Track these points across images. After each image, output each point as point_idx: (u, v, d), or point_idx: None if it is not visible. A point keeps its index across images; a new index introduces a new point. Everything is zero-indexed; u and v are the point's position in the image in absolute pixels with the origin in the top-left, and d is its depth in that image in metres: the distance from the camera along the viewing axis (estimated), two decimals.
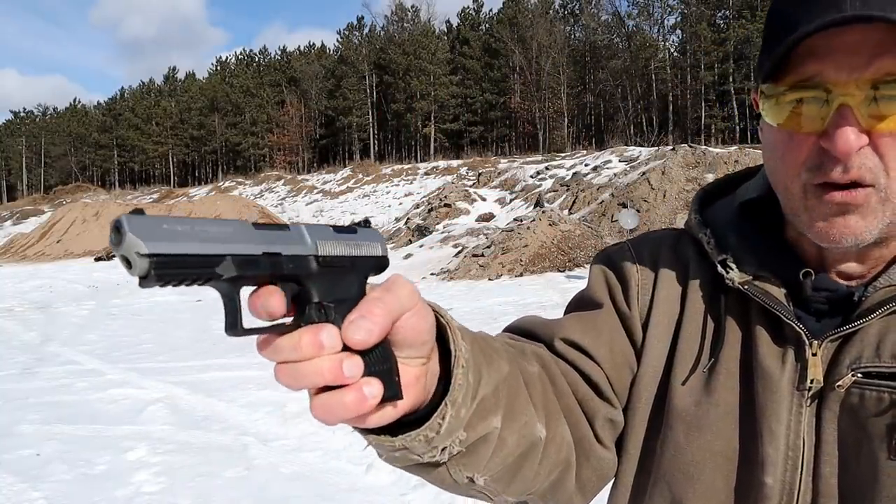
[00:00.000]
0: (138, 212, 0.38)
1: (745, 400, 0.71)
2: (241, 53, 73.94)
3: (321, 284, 0.48)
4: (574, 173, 22.28)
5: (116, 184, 70.16)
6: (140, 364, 7.06)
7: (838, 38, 0.60)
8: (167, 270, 0.38)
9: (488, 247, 16.34)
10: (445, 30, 61.58)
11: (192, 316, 10.26)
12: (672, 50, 49.74)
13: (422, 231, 20.71)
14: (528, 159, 30.46)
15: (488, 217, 21.60)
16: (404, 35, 57.99)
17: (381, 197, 33.98)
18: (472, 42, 56.82)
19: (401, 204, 30.52)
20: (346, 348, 0.47)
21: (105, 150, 74.26)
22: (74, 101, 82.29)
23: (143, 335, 9.01)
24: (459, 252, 16.69)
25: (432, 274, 14.93)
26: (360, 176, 38.53)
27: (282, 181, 42.87)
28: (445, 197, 22.94)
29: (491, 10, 70.11)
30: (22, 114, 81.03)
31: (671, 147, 20.84)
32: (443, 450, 0.57)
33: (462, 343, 0.58)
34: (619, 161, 21.98)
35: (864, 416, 0.65)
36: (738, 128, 44.16)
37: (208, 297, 12.52)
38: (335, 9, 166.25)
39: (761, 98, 0.67)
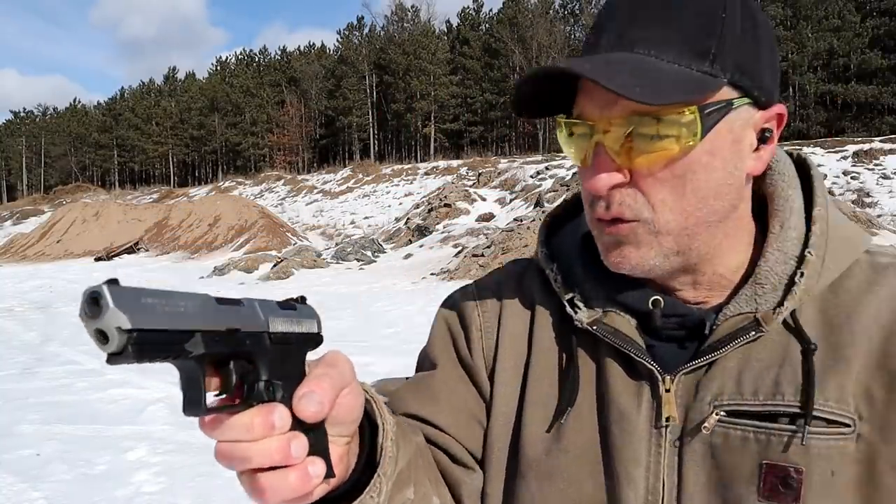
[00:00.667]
0: (113, 281, 0.37)
1: (602, 443, 0.67)
2: (241, 53, 73.99)
3: (270, 362, 0.48)
4: (574, 173, 22.28)
5: (116, 184, 70.15)
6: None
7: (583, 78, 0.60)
8: (144, 347, 0.37)
9: (488, 247, 16.35)
10: (445, 30, 61.61)
11: None
12: None
13: (422, 231, 20.72)
14: (528, 159, 30.45)
15: (488, 217, 21.60)
16: (404, 35, 57.99)
17: (381, 197, 33.97)
18: (472, 42, 56.80)
19: (401, 204, 30.52)
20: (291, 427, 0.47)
21: (105, 150, 74.27)
22: (74, 101, 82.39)
23: None
24: (459, 252, 16.70)
25: (432, 274, 14.92)
26: (360, 176, 38.53)
27: (282, 181, 42.87)
28: (445, 197, 22.94)
29: (491, 10, 70.16)
30: (22, 114, 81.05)
31: None
32: None
33: (389, 417, 0.60)
34: None
35: (729, 457, 0.62)
36: None
37: None
38: (335, 9, 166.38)
39: (557, 130, 0.68)
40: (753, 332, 0.62)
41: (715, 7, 0.60)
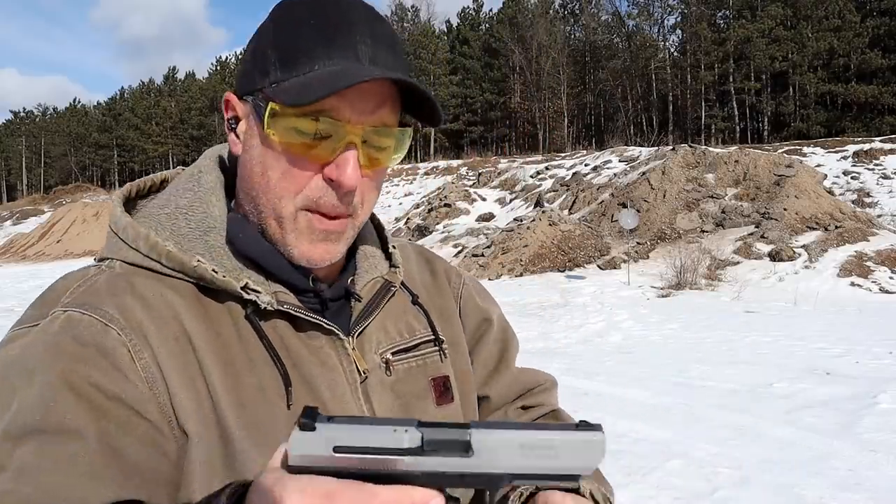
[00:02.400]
0: None
1: (323, 405, 0.73)
2: (241, 53, 73.69)
3: None
4: (574, 173, 22.29)
5: (116, 184, 70.16)
6: None
7: (357, 84, 0.64)
8: None
9: (488, 247, 16.37)
10: (445, 30, 61.60)
11: None
12: (672, 50, 49.77)
13: (422, 231, 20.72)
14: (528, 159, 30.46)
15: (488, 217, 21.60)
16: (404, 35, 57.98)
17: (382, 197, 33.93)
18: (472, 42, 56.82)
19: (401, 204, 30.53)
20: None
21: (105, 150, 74.27)
22: (74, 101, 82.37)
23: None
24: (459, 252, 16.72)
25: None
26: None
27: None
28: (445, 197, 22.93)
29: (491, 9, 70.16)
30: (22, 114, 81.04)
31: (671, 147, 20.84)
32: None
33: None
34: (619, 161, 21.99)
35: (405, 385, 0.80)
36: (738, 128, 44.16)
37: None
38: None
39: (269, 117, 0.66)
40: (393, 289, 0.82)
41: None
